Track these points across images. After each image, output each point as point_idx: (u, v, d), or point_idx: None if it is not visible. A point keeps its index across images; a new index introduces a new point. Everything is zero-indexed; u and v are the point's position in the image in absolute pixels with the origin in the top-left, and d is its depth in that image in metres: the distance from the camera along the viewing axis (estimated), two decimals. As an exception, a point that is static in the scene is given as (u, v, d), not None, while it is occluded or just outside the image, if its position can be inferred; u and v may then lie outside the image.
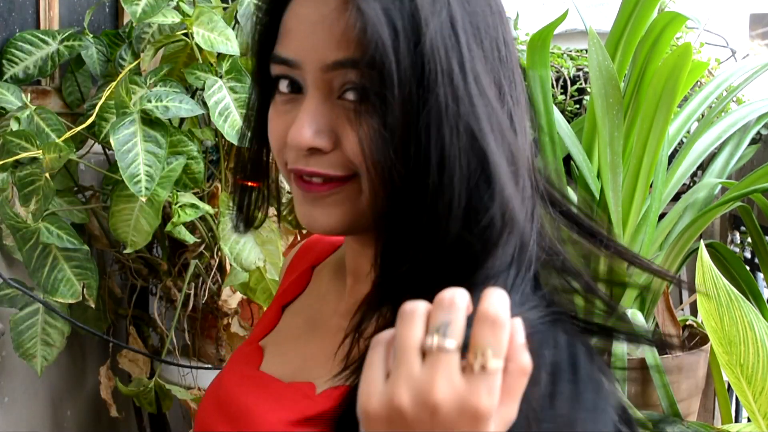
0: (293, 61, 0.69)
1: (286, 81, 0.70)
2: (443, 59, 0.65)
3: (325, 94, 0.68)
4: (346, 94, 0.67)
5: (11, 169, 1.57)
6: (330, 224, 0.70)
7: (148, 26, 1.77)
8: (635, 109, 1.71)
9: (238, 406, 0.77)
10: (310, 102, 0.68)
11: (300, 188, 0.70)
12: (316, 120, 0.67)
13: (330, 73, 0.67)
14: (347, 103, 0.67)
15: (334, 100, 0.68)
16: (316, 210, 0.70)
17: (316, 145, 0.67)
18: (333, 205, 0.69)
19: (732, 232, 2.33)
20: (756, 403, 1.04)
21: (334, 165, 0.68)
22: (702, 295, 1.06)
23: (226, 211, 1.62)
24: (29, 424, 1.86)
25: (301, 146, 0.67)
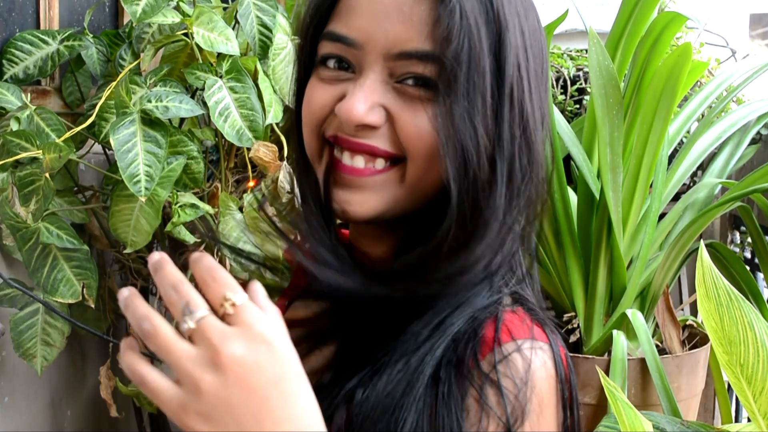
0: (354, 42, 0.67)
1: (334, 59, 0.69)
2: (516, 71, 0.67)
3: (384, 77, 0.67)
4: (407, 81, 0.67)
5: (11, 169, 1.57)
6: (364, 211, 0.69)
7: (148, 26, 1.77)
8: (635, 109, 1.71)
9: None
10: (367, 80, 0.67)
11: (339, 170, 0.69)
12: (371, 96, 0.66)
13: (394, 61, 0.66)
14: (407, 88, 0.67)
15: (392, 83, 0.67)
16: (353, 195, 0.69)
17: (369, 121, 0.66)
18: (371, 191, 0.68)
19: (732, 232, 2.33)
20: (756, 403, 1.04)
21: (384, 141, 0.67)
22: (702, 295, 1.06)
23: (227, 211, 1.62)
24: (29, 424, 1.86)
25: (353, 120, 0.66)
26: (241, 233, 1.61)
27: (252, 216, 1.61)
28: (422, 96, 0.66)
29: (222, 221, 1.61)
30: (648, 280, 1.79)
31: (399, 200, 0.69)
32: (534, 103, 0.69)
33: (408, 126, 0.66)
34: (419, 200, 0.69)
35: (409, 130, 0.66)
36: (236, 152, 1.84)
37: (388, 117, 0.67)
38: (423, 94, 0.66)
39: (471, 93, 0.65)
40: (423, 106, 0.66)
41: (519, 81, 0.67)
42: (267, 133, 1.68)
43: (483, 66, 0.65)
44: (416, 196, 0.69)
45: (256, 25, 1.69)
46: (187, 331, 0.52)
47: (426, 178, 0.68)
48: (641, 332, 1.61)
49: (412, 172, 0.67)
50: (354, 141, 0.67)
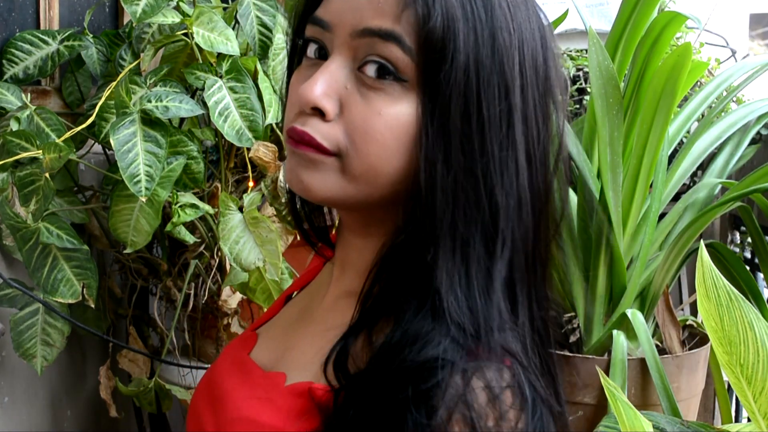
0: (327, 23, 0.68)
1: (315, 46, 0.70)
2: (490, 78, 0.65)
3: (346, 61, 0.67)
4: (366, 67, 0.67)
5: (11, 169, 1.57)
6: (311, 187, 0.69)
7: (148, 26, 1.77)
8: (635, 109, 1.71)
9: (220, 388, 0.78)
10: (329, 64, 0.68)
11: (290, 146, 0.69)
12: (329, 82, 0.67)
13: (358, 39, 0.67)
14: (364, 77, 0.67)
15: (353, 69, 0.67)
16: (302, 170, 0.69)
17: (322, 105, 0.67)
18: (319, 171, 0.68)
19: (732, 232, 2.33)
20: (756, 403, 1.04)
21: (326, 136, 0.67)
22: (702, 295, 1.06)
23: (227, 211, 1.62)
24: (29, 424, 1.86)
25: (308, 101, 0.67)
26: (241, 233, 1.61)
27: (252, 216, 1.61)
28: (379, 88, 0.66)
29: (222, 221, 1.61)
30: (648, 280, 1.79)
31: (347, 190, 0.68)
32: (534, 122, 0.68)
33: (358, 119, 0.66)
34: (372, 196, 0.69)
35: (358, 124, 0.66)
36: (236, 152, 1.84)
37: (341, 110, 0.67)
38: (383, 86, 0.66)
39: (441, 101, 0.64)
40: (378, 100, 0.66)
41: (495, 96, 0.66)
42: (267, 133, 1.68)
43: (457, 61, 0.64)
44: (365, 190, 0.68)
45: (256, 25, 1.69)
46: None
47: (372, 175, 0.67)
48: (641, 332, 1.61)
49: (353, 166, 0.67)
50: (299, 129, 0.68)
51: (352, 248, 0.76)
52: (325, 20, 0.69)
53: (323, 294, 0.80)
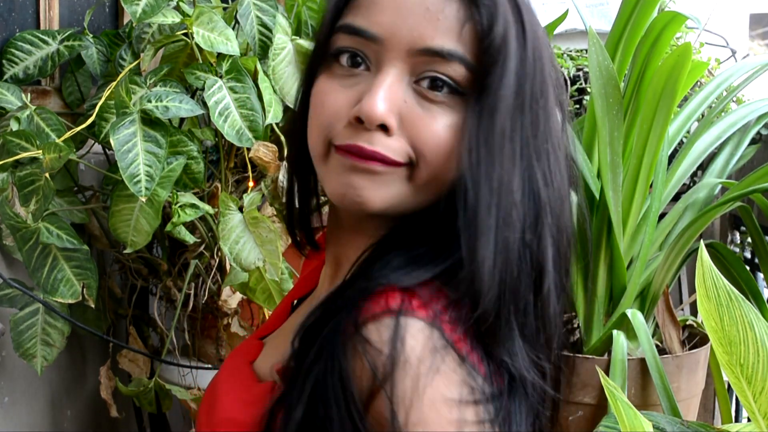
0: (375, 36, 0.67)
1: (348, 54, 0.68)
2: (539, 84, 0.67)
3: (402, 75, 0.67)
4: (424, 81, 0.66)
5: (11, 169, 1.57)
6: (371, 199, 0.68)
7: (148, 26, 1.77)
8: (635, 109, 1.71)
9: (217, 392, 0.78)
10: (388, 78, 0.66)
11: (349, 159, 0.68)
12: (390, 98, 0.66)
13: (416, 57, 0.66)
14: (426, 91, 0.66)
15: (410, 83, 0.67)
16: (361, 181, 0.67)
17: (388, 122, 0.66)
18: (382, 182, 0.68)
19: (732, 232, 2.33)
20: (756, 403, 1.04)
21: (393, 149, 0.67)
22: (702, 295, 1.06)
23: (227, 211, 1.62)
24: (29, 424, 1.86)
25: (374, 119, 0.65)
26: (241, 233, 1.61)
27: (252, 216, 1.61)
28: (442, 101, 0.66)
29: (222, 221, 1.61)
30: (648, 280, 1.79)
31: (405, 197, 0.69)
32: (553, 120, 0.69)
33: (423, 132, 0.66)
34: (423, 202, 0.70)
35: (425, 137, 0.66)
36: (236, 152, 1.84)
37: (402, 123, 0.67)
38: (443, 99, 0.66)
39: (502, 103, 0.65)
40: (440, 112, 0.66)
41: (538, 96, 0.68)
42: (267, 133, 1.68)
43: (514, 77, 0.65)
44: (421, 197, 0.69)
45: (256, 25, 1.69)
46: None
47: (434, 182, 0.68)
48: (641, 332, 1.61)
49: (421, 176, 0.67)
50: (368, 149, 0.67)
51: (347, 245, 0.76)
52: (371, 32, 0.67)
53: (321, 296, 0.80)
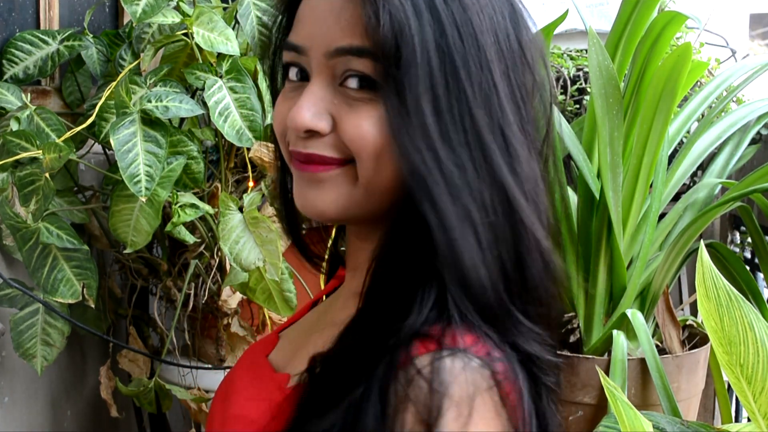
0: (301, 47, 0.71)
1: (296, 69, 0.73)
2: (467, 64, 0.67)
3: (327, 80, 0.70)
4: (348, 81, 0.69)
5: (11, 169, 1.57)
6: (324, 208, 0.71)
7: (148, 26, 1.77)
8: (635, 109, 1.71)
9: (232, 387, 0.80)
10: (311, 86, 0.70)
11: (298, 169, 0.72)
12: (315, 103, 0.69)
13: (333, 59, 0.69)
14: (348, 90, 0.69)
15: (336, 86, 0.70)
16: (311, 192, 0.71)
17: (314, 127, 0.69)
18: (329, 188, 0.70)
19: (732, 232, 2.33)
20: (756, 403, 1.04)
21: (330, 147, 0.70)
22: (702, 295, 1.06)
23: (227, 211, 1.62)
24: (29, 424, 1.86)
25: (300, 127, 0.69)
26: (241, 233, 1.61)
27: (252, 216, 1.61)
28: (365, 97, 0.68)
29: (222, 221, 1.61)
30: (648, 280, 1.79)
31: (357, 199, 0.70)
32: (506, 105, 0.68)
33: (351, 129, 0.68)
34: (381, 201, 0.70)
35: (352, 133, 0.68)
36: (236, 152, 1.84)
37: (334, 124, 0.69)
38: (365, 95, 0.68)
39: (418, 91, 0.66)
40: (366, 108, 0.68)
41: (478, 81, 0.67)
42: (267, 133, 1.68)
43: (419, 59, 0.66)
44: (375, 195, 0.70)
45: (256, 25, 1.69)
46: None
47: (379, 178, 0.69)
48: (641, 332, 1.61)
49: (362, 173, 0.69)
50: (303, 152, 0.70)
51: (357, 250, 0.78)
52: (298, 45, 0.71)
53: (337, 296, 0.82)
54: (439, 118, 0.66)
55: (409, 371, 0.63)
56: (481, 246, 0.66)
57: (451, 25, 0.67)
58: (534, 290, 0.69)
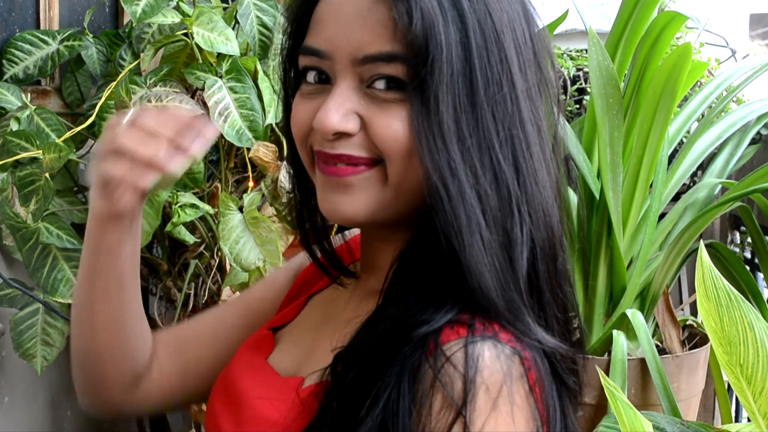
0: (324, 53, 0.69)
1: (314, 72, 0.71)
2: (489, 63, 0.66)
3: (353, 83, 0.68)
4: (375, 83, 0.68)
5: (11, 169, 1.57)
6: (354, 212, 0.70)
7: (148, 26, 1.77)
8: (635, 109, 1.71)
9: (237, 390, 0.78)
10: (337, 88, 0.68)
11: (324, 173, 0.70)
12: (343, 105, 0.68)
13: (361, 66, 0.67)
14: (376, 92, 0.68)
15: (363, 88, 0.68)
16: (340, 197, 0.70)
17: (343, 129, 0.68)
18: (358, 191, 0.69)
19: (732, 232, 2.33)
20: (756, 403, 1.04)
21: (359, 147, 0.68)
22: (702, 295, 1.06)
23: (227, 211, 1.62)
24: (29, 424, 1.86)
25: (329, 130, 0.67)
26: (241, 233, 1.61)
27: (252, 216, 1.61)
28: (394, 98, 0.67)
29: (222, 221, 1.61)
30: (648, 280, 1.79)
31: (387, 201, 0.69)
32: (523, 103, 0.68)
33: (381, 129, 0.67)
34: (409, 201, 0.70)
35: (383, 133, 0.67)
36: (236, 152, 1.84)
37: (363, 124, 0.68)
38: (395, 96, 0.67)
39: (441, 91, 0.65)
40: (396, 108, 0.67)
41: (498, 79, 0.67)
42: (267, 133, 1.68)
43: (449, 63, 0.65)
44: (404, 196, 0.69)
45: (256, 25, 1.69)
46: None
47: (409, 178, 0.68)
48: (641, 332, 1.61)
49: (393, 173, 0.68)
50: (332, 153, 0.69)
51: (377, 251, 0.77)
52: (320, 49, 0.69)
53: (348, 296, 0.81)
54: (457, 119, 0.66)
55: (439, 356, 0.63)
56: (486, 250, 0.65)
57: (474, 22, 0.66)
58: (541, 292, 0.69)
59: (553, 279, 0.70)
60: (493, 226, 0.66)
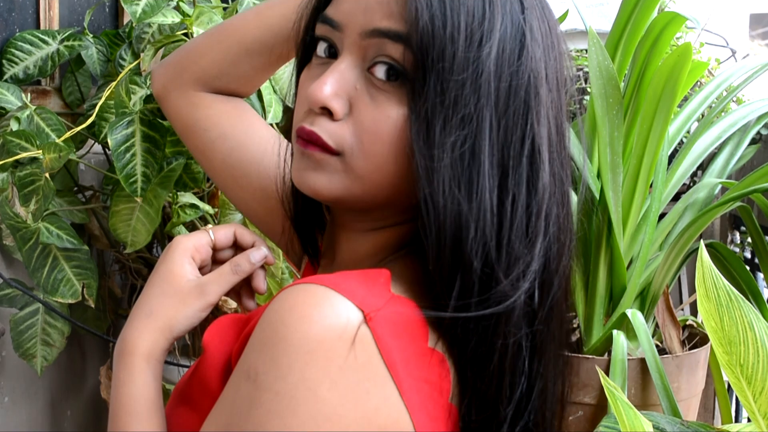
0: (337, 23, 0.69)
1: (325, 44, 0.71)
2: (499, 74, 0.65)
3: (356, 61, 0.68)
4: (376, 68, 0.67)
5: (11, 169, 1.57)
6: (320, 187, 0.69)
7: (148, 26, 1.77)
8: (635, 109, 1.71)
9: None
10: (339, 64, 0.68)
11: (299, 145, 0.70)
12: (339, 81, 0.68)
13: (368, 39, 0.67)
14: (374, 78, 0.67)
15: (363, 69, 0.68)
16: (309, 172, 0.69)
17: (330, 105, 0.67)
18: (326, 172, 0.69)
19: (732, 232, 2.33)
20: (756, 403, 1.04)
21: (332, 135, 0.68)
22: (702, 295, 1.06)
23: (227, 211, 1.61)
24: (29, 424, 1.86)
25: (317, 101, 0.67)
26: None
27: (252, 216, 1.61)
28: (389, 90, 0.66)
29: (222, 221, 1.61)
30: (648, 280, 1.79)
31: (352, 189, 0.69)
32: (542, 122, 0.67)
33: (368, 123, 0.67)
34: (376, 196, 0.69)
35: (368, 127, 0.67)
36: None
37: (351, 110, 0.68)
38: (389, 88, 0.66)
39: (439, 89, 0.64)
40: (387, 104, 0.66)
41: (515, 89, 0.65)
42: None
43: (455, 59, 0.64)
44: (371, 190, 0.69)
45: (256, 25, 1.68)
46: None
47: (379, 174, 0.68)
48: (641, 332, 1.61)
49: (358, 166, 0.68)
50: (308, 129, 0.68)
51: (341, 242, 0.77)
52: (335, 20, 0.69)
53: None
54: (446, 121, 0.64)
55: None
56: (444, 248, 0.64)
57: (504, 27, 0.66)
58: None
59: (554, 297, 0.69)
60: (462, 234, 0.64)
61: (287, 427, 0.58)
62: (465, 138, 0.64)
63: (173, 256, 0.78)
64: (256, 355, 0.61)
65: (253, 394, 0.60)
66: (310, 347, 0.59)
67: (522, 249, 0.65)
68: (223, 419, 0.62)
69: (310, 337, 0.59)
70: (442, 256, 0.64)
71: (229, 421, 0.62)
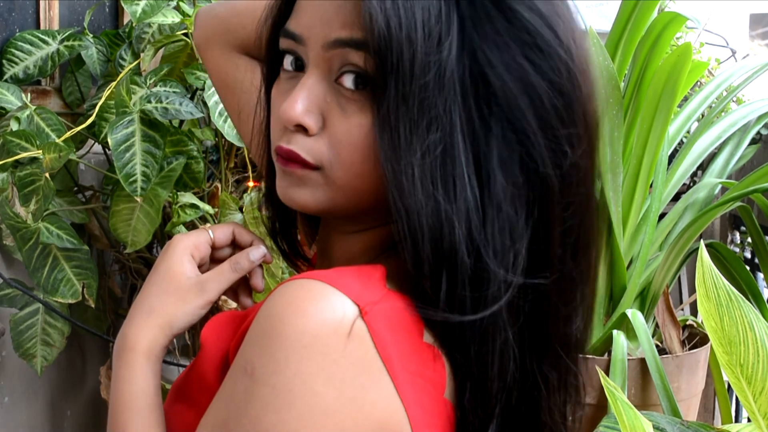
0: (299, 36, 0.69)
1: (291, 57, 0.71)
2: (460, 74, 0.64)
3: (323, 73, 0.68)
4: (343, 78, 0.66)
5: (11, 169, 1.57)
6: (305, 202, 0.70)
7: (148, 26, 1.77)
8: (635, 109, 1.71)
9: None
10: (306, 79, 0.68)
11: (279, 164, 0.70)
12: (309, 97, 0.67)
13: (331, 51, 0.67)
14: (342, 89, 0.67)
15: (331, 82, 0.68)
16: (293, 188, 0.70)
17: (304, 123, 0.67)
18: (309, 187, 0.69)
19: (732, 232, 2.33)
20: (756, 403, 1.04)
21: (310, 150, 0.68)
22: (702, 295, 1.06)
23: (227, 211, 1.62)
24: (29, 424, 1.86)
25: (291, 120, 0.67)
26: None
27: (252, 216, 1.61)
28: (357, 100, 0.66)
29: (222, 221, 1.61)
30: (648, 280, 1.79)
31: (336, 200, 0.69)
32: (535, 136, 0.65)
33: (342, 135, 0.66)
34: (361, 201, 0.69)
35: (342, 139, 0.66)
36: (236, 152, 1.84)
37: (324, 123, 0.67)
38: (358, 98, 0.66)
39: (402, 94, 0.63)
40: (357, 115, 0.66)
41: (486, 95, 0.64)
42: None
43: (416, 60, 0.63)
44: (353, 198, 0.69)
45: (256, 25, 1.68)
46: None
47: (360, 182, 0.68)
48: (641, 332, 1.61)
49: (338, 177, 0.68)
50: (286, 148, 0.68)
51: (334, 242, 0.77)
52: (296, 33, 0.69)
53: None
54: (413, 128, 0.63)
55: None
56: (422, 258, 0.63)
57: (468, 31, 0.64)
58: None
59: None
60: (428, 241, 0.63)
61: (283, 421, 0.59)
62: (439, 139, 0.63)
63: (173, 254, 0.78)
64: (252, 349, 0.61)
65: (249, 389, 0.60)
66: (306, 341, 0.59)
67: (509, 240, 0.65)
68: (220, 414, 0.63)
69: (306, 332, 0.59)
70: (420, 257, 0.63)
71: (226, 416, 0.62)
